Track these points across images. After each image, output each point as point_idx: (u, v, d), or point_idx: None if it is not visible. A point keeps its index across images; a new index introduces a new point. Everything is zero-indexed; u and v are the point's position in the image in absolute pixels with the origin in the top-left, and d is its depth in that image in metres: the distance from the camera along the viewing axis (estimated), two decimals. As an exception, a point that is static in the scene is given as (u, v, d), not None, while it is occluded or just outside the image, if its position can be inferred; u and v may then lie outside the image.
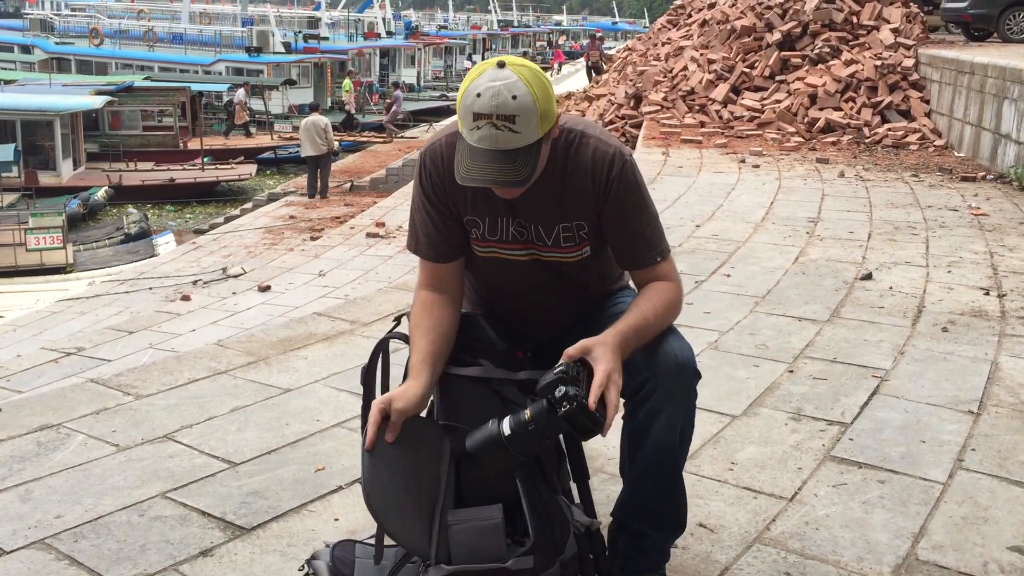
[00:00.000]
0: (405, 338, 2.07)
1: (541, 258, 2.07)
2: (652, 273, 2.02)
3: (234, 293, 9.32)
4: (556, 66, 43.73)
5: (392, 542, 1.94)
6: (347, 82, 32.56)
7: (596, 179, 1.97)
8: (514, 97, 1.76)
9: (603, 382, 1.80)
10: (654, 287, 2.01)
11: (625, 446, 2.10)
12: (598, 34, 31.46)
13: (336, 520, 2.51)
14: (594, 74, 29.49)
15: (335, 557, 2.12)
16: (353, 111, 31.76)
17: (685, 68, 14.26)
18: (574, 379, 1.80)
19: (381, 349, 2.06)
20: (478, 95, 1.77)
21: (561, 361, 1.84)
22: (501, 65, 1.80)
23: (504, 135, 1.77)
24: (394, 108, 30.55)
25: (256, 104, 30.55)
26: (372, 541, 2.21)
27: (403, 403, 1.88)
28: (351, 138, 27.29)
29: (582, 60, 32.80)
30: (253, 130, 29.57)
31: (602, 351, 1.85)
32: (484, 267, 2.13)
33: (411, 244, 2.11)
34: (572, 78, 30.34)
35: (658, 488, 2.08)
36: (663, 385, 1.96)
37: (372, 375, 2.06)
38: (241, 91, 29.26)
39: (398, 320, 2.14)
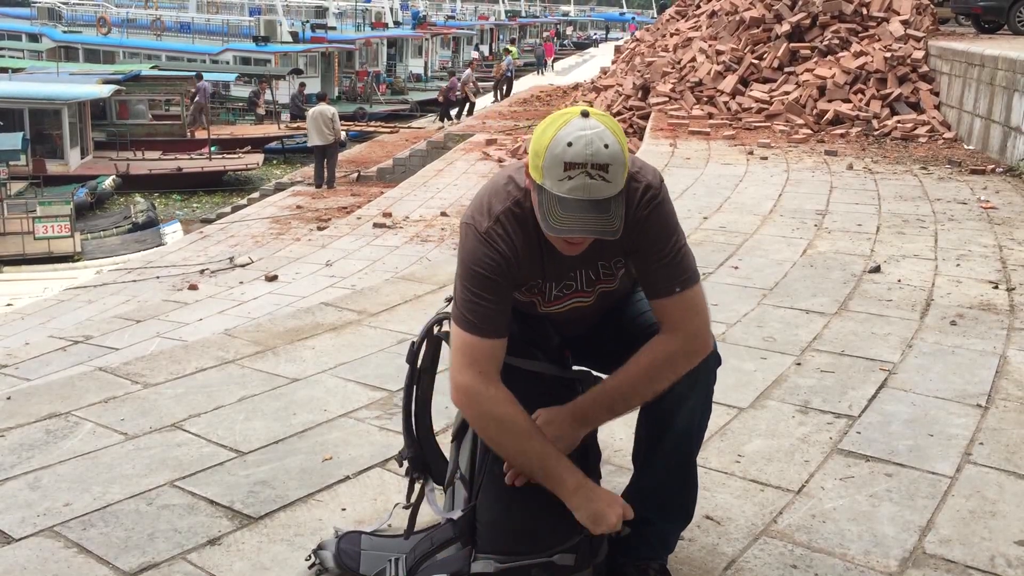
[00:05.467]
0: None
1: (605, 291, 2.06)
2: (668, 305, 1.93)
3: (241, 283, 9.33)
4: (548, 63, 42.95)
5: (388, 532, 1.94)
6: (514, 50, 31.08)
7: (628, 213, 1.86)
8: (606, 146, 1.73)
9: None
10: (648, 348, 1.93)
11: (643, 432, 2.10)
12: (475, 55, 29.64)
13: (343, 510, 2.51)
14: (463, 112, 24.58)
15: (341, 549, 2.13)
16: (512, 75, 30.62)
17: (693, 59, 14.22)
18: None
19: (437, 323, 2.09)
20: (569, 144, 1.72)
21: None
22: (585, 115, 1.76)
23: (598, 184, 1.73)
24: (197, 99, 26.59)
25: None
26: (378, 532, 2.23)
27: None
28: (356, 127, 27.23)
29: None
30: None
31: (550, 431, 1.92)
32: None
33: (477, 328, 1.90)
34: (578, 69, 29.96)
35: (671, 475, 2.09)
36: (690, 371, 1.96)
37: (417, 356, 2.08)
38: (468, 71, 28.17)
39: (450, 300, 2.06)
